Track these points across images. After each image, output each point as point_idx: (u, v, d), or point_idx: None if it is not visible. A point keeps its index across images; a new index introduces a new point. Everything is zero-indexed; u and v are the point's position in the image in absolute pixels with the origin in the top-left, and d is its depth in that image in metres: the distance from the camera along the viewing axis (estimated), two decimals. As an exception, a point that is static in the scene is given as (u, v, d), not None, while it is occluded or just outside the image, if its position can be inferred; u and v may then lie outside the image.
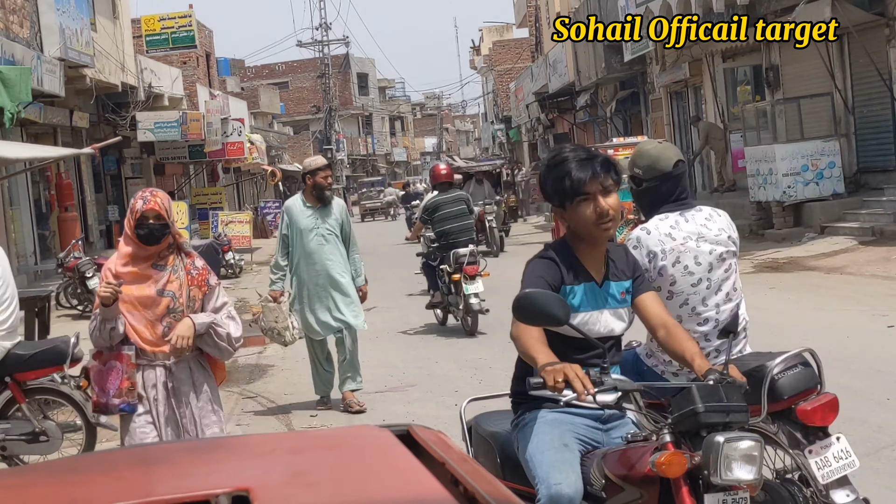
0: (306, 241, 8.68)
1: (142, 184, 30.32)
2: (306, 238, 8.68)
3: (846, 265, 14.28)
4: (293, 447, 2.48)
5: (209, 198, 34.76)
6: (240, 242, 26.08)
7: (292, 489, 2.05)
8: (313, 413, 8.83)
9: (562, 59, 33.49)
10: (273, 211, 42.50)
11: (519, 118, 47.22)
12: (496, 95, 59.34)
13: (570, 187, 3.68)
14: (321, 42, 63.91)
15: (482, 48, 68.01)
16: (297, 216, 8.76)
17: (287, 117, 69.51)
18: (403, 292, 17.21)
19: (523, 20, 50.72)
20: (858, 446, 6.15)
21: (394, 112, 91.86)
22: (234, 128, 34.27)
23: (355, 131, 78.10)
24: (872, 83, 17.87)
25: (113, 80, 23.27)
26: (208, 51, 41.78)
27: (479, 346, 11.30)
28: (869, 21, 17.34)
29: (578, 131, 38.14)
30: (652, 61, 26.40)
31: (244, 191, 48.02)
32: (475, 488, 2.01)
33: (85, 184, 24.66)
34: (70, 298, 16.85)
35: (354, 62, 77.91)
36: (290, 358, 11.73)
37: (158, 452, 2.63)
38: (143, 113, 25.59)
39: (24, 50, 17.14)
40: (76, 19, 20.04)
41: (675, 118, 27.03)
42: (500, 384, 9.03)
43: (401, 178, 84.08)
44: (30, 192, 21.15)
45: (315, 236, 8.67)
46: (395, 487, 2.03)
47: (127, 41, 25.75)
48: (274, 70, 74.58)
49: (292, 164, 60.57)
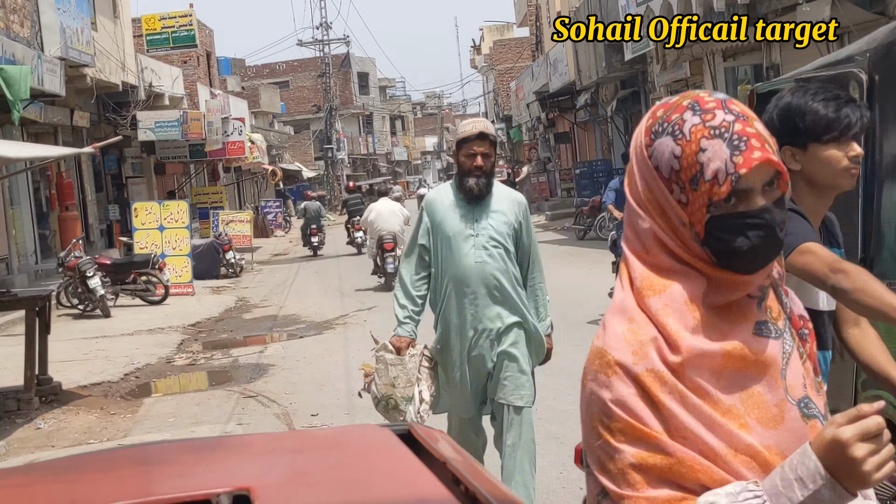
0: (457, 255, 5.30)
1: (142, 183, 30.38)
2: (457, 251, 5.31)
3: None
4: (294, 446, 2.47)
5: (210, 197, 34.79)
6: (240, 242, 26.10)
7: (293, 488, 2.04)
8: (314, 412, 8.82)
9: (562, 58, 33.48)
10: (274, 210, 42.55)
11: (519, 117, 47.22)
12: (497, 94, 59.34)
13: (826, 124, 3.02)
14: (322, 41, 63.84)
15: (483, 47, 68.03)
16: (443, 215, 5.37)
17: (287, 116, 69.50)
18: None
19: (524, 19, 50.71)
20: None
21: (394, 111, 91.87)
22: (235, 127, 34.28)
23: (356, 131, 78.08)
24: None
25: (113, 79, 23.28)
26: (209, 50, 41.77)
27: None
28: (869, 20, 17.33)
29: (579, 130, 38.14)
30: (652, 60, 26.39)
31: (245, 190, 48.03)
32: (476, 488, 2.01)
33: (85, 183, 24.67)
34: (71, 298, 16.87)
35: (355, 61, 77.89)
36: (290, 357, 11.74)
37: (158, 451, 2.63)
38: (144, 112, 25.60)
39: (24, 49, 17.13)
40: (77, 18, 20.05)
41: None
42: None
43: (401, 177, 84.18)
44: (30, 192, 21.16)
45: (472, 249, 5.27)
46: (396, 487, 2.03)
47: (127, 40, 25.75)
48: (274, 69, 74.56)
49: (293, 164, 60.59)
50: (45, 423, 9.26)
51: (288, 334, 13.99)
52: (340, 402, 9.10)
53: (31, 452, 8.17)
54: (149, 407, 9.84)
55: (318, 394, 9.58)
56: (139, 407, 9.85)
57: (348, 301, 16.70)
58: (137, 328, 14.98)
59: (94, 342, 13.78)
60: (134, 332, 14.70)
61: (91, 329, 15.03)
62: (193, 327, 15.26)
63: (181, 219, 20.05)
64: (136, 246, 19.73)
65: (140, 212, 20.07)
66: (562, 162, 42.13)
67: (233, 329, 15.13)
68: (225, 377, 11.25)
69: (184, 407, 9.59)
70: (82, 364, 12.02)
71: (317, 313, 15.57)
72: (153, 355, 12.64)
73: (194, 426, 8.68)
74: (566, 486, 5.99)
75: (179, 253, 19.69)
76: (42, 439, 8.72)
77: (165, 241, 19.66)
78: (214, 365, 12.22)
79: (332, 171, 63.93)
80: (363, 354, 11.34)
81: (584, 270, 15.92)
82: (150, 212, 20.02)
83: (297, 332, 13.94)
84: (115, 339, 14.04)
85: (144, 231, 19.82)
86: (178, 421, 8.98)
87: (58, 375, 10.56)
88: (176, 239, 19.80)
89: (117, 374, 11.38)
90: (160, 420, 9.13)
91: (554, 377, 8.99)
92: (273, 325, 15.08)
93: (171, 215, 19.93)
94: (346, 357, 11.39)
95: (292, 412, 8.94)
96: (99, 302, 16.17)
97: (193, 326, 15.33)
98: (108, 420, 9.30)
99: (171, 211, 20.07)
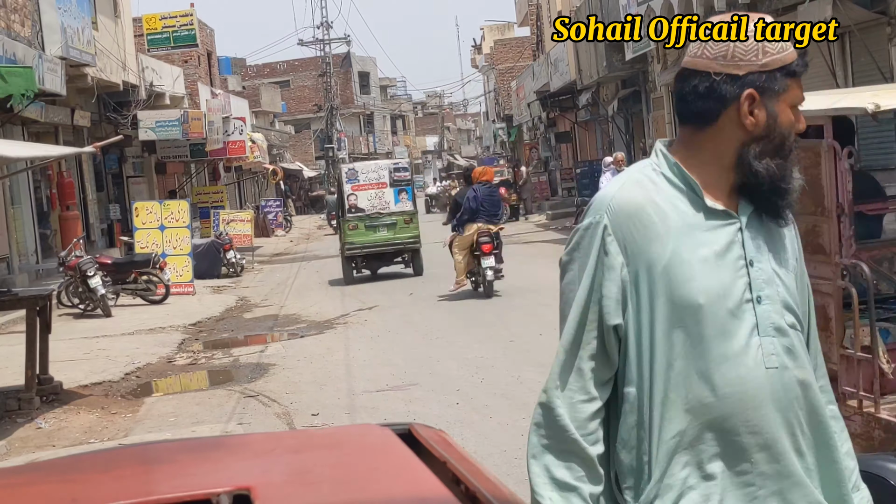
0: (718, 353, 2.16)
1: (143, 182, 30.39)
2: (717, 342, 2.16)
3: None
4: (294, 446, 2.47)
5: (210, 196, 34.78)
6: (241, 241, 26.10)
7: (293, 488, 2.04)
8: (315, 412, 8.83)
9: (563, 57, 33.49)
10: (274, 210, 42.57)
11: (520, 117, 47.21)
12: (497, 94, 59.31)
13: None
14: (322, 41, 63.83)
15: (483, 47, 67.99)
16: (671, 250, 2.18)
17: (288, 116, 69.50)
18: (405, 291, 17.21)
19: (525, 19, 50.71)
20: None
21: (395, 111, 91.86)
22: (236, 126, 34.28)
23: (357, 130, 78.08)
24: (874, 82, 17.84)
25: (114, 78, 23.27)
26: (210, 49, 41.76)
27: (481, 345, 11.30)
28: (871, 20, 17.33)
29: (580, 130, 38.14)
30: (653, 60, 26.38)
31: (245, 189, 48.03)
32: (477, 487, 2.01)
33: (86, 182, 24.66)
34: (71, 297, 16.87)
35: (356, 61, 77.89)
36: (291, 357, 11.74)
37: (159, 451, 2.63)
38: (145, 112, 25.59)
39: (25, 49, 17.13)
40: (77, 18, 20.05)
41: (677, 117, 26.95)
42: (502, 383, 9.06)
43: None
44: (31, 191, 21.15)
45: (753, 336, 2.17)
46: (397, 486, 2.03)
47: (128, 40, 25.75)
48: (275, 69, 74.55)
49: (293, 163, 60.61)
50: (46, 422, 9.26)
51: (289, 334, 13.99)
52: (341, 401, 9.11)
53: (32, 452, 8.17)
54: (149, 406, 9.84)
55: (318, 393, 9.58)
56: (140, 406, 9.85)
57: (349, 300, 16.71)
58: (138, 328, 14.98)
59: (95, 341, 13.79)
60: (134, 331, 14.71)
61: (92, 328, 15.04)
62: (194, 327, 15.26)
63: (182, 218, 20.05)
64: (137, 245, 19.73)
65: (141, 211, 20.07)
66: (563, 161, 42.14)
67: (233, 328, 15.13)
68: (226, 377, 11.26)
69: (184, 406, 9.60)
70: (83, 363, 12.02)
71: (317, 313, 15.57)
72: (154, 355, 12.64)
73: (195, 426, 8.68)
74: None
75: (180, 252, 19.69)
76: (43, 439, 8.72)
77: (166, 241, 19.66)
78: (215, 364, 12.22)
79: (333, 171, 63.95)
80: (364, 354, 11.38)
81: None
82: (151, 211, 20.02)
83: (298, 332, 13.94)
84: (115, 339, 14.05)
85: (145, 230, 19.82)
86: (178, 420, 8.99)
87: (58, 375, 10.56)
88: (177, 238, 19.80)
89: (118, 374, 11.38)
90: (161, 419, 9.13)
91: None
92: (274, 325, 15.09)
93: (171, 215, 19.93)
94: (346, 357, 11.39)
95: (293, 412, 8.93)
96: (100, 301, 16.17)
97: (194, 326, 15.33)
98: (109, 419, 9.30)
99: (172, 210, 20.08)
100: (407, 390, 9.38)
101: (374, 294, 17.26)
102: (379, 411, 8.52)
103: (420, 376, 9.92)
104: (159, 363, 12.19)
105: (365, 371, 10.39)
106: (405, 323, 13.60)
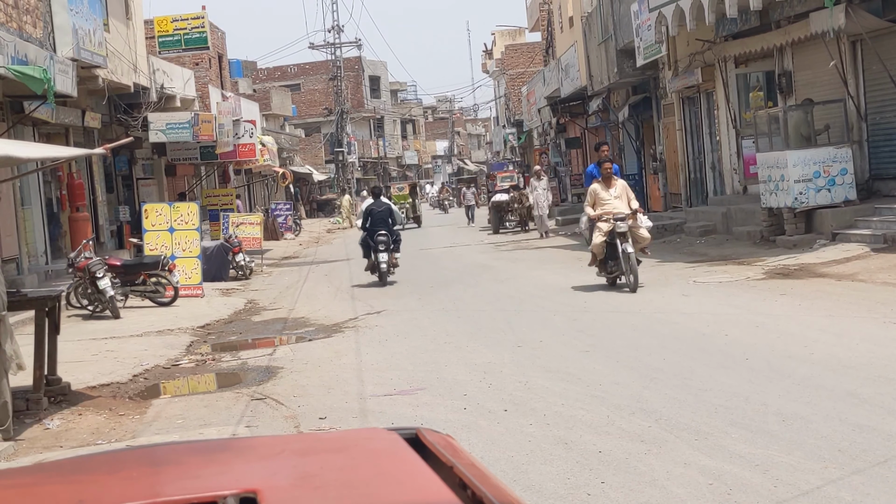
0: None
1: (153, 184, 30.44)
2: None
3: (858, 272, 14.23)
4: (301, 449, 2.47)
5: (220, 199, 34.83)
6: (250, 244, 26.13)
7: (300, 491, 2.04)
8: (322, 415, 8.82)
9: (574, 63, 33.48)
10: (284, 213, 42.62)
11: (531, 122, 47.23)
12: (508, 99, 59.36)
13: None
14: (333, 44, 63.94)
15: (494, 52, 68.07)
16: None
17: (299, 119, 69.62)
18: (413, 295, 17.21)
19: (536, 24, 50.74)
20: (868, 455, 6.13)
21: (405, 115, 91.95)
22: (246, 129, 34.34)
23: (367, 134, 78.17)
24: (886, 90, 17.82)
25: (125, 80, 23.34)
26: (220, 52, 41.87)
27: (489, 350, 11.29)
28: (882, 28, 17.30)
29: (590, 136, 38.13)
30: (664, 66, 26.36)
31: (255, 192, 48.11)
32: (483, 492, 2.00)
33: (96, 184, 24.73)
34: (80, 298, 16.89)
35: (366, 65, 78.02)
36: (299, 360, 11.74)
37: (166, 453, 2.63)
38: (155, 114, 25.66)
39: (37, 50, 17.18)
40: (89, 20, 20.10)
41: (688, 123, 26.97)
42: (510, 388, 9.04)
43: (412, 181, 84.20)
44: (41, 192, 21.22)
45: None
46: (403, 491, 2.02)
47: (139, 42, 25.82)
48: (286, 72, 74.72)
49: (303, 167, 60.68)
50: (54, 423, 9.27)
51: (297, 337, 13.99)
52: (349, 405, 9.10)
53: (40, 452, 8.18)
54: (157, 408, 9.84)
55: (326, 397, 9.58)
56: (148, 408, 9.86)
57: (358, 304, 16.71)
58: (147, 329, 15.00)
59: (104, 343, 13.81)
60: (143, 333, 14.72)
61: (100, 330, 15.06)
62: (202, 329, 15.27)
63: (191, 220, 20.08)
64: (146, 247, 19.76)
65: (150, 213, 20.10)
66: (573, 167, 42.11)
67: (242, 331, 15.14)
68: (234, 379, 11.25)
69: (192, 409, 9.60)
70: (91, 365, 12.03)
71: (326, 316, 15.57)
72: (162, 357, 12.65)
73: (202, 428, 8.67)
74: (573, 492, 5.98)
75: (189, 255, 19.72)
76: (50, 439, 8.73)
77: (175, 243, 19.69)
78: (223, 367, 12.23)
79: (343, 174, 64.00)
80: (372, 358, 11.37)
81: (593, 276, 15.91)
82: (161, 213, 20.05)
83: (307, 335, 13.94)
84: (124, 341, 14.06)
85: (154, 232, 19.85)
86: (186, 423, 8.99)
87: (67, 376, 10.58)
88: (186, 241, 19.83)
89: (126, 375, 11.39)
90: (168, 421, 9.13)
91: (563, 383, 8.98)
92: (282, 328, 15.09)
93: (181, 217, 19.96)
94: (354, 360, 11.39)
95: (301, 415, 8.92)
96: (108, 303, 16.19)
97: (203, 328, 15.35)
98: (117, 421, 9.31)
99: (182, 213, 20.10)
100: (414, 395, 9.37)
101: (383, 298, 17.26)
102: (386, 415, 8.50)
103: (428, 381, 9.91)
104: (167, 365, 12.21)
105: (373, 375, 10.38)
106: (414, 327, 13.59)
